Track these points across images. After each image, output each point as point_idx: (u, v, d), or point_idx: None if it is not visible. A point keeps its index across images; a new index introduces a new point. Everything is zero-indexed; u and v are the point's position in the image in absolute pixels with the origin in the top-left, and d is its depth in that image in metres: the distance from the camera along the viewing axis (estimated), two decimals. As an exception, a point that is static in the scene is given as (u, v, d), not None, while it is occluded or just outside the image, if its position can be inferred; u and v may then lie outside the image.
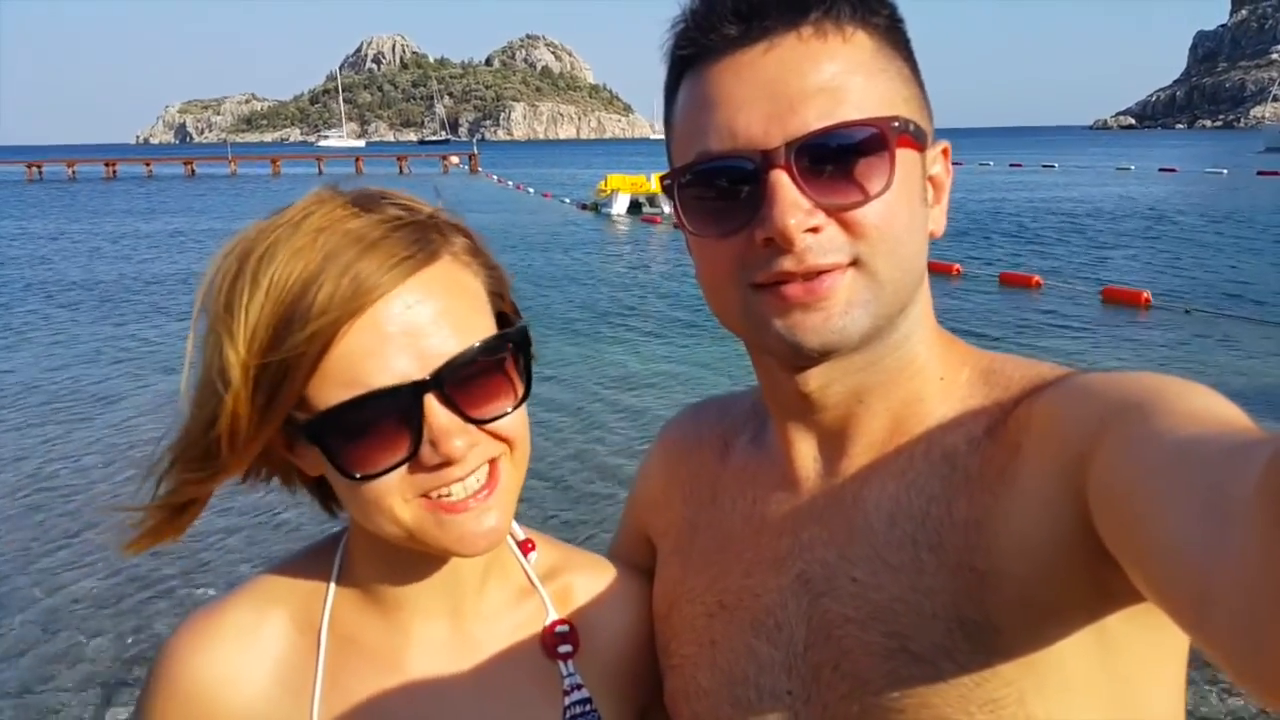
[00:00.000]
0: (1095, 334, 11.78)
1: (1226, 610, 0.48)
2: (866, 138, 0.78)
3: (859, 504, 0.86)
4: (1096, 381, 0.77)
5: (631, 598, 1.07)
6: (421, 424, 0.80)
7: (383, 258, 0.80)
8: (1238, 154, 75.24)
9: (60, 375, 10.94)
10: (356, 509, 0.86)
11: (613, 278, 17.73)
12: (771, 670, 0.89)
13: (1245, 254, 19.34)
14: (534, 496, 6.89)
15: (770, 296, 0.81)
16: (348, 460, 0.81)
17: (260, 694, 0.92)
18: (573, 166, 78.12)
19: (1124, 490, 0.63)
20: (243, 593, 0.97)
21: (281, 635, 0.95)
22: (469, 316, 0.85)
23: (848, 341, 0.81)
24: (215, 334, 0.80)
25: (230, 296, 0.80)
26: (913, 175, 0.82)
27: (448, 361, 0.81)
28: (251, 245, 0.82)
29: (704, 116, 0.81)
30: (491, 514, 0.85)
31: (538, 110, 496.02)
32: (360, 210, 0.84)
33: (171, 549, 6.11)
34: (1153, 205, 31.02)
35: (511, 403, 0.87)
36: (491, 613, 0.99)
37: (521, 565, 1.04)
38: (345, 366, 0.79)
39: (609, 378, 10.24)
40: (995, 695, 0.76)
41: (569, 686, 0.98)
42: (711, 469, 1.02)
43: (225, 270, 0.82)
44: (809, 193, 0.78)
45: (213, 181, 60.79)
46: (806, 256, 0.78)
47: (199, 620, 0.95)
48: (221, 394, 0.79)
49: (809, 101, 0.78)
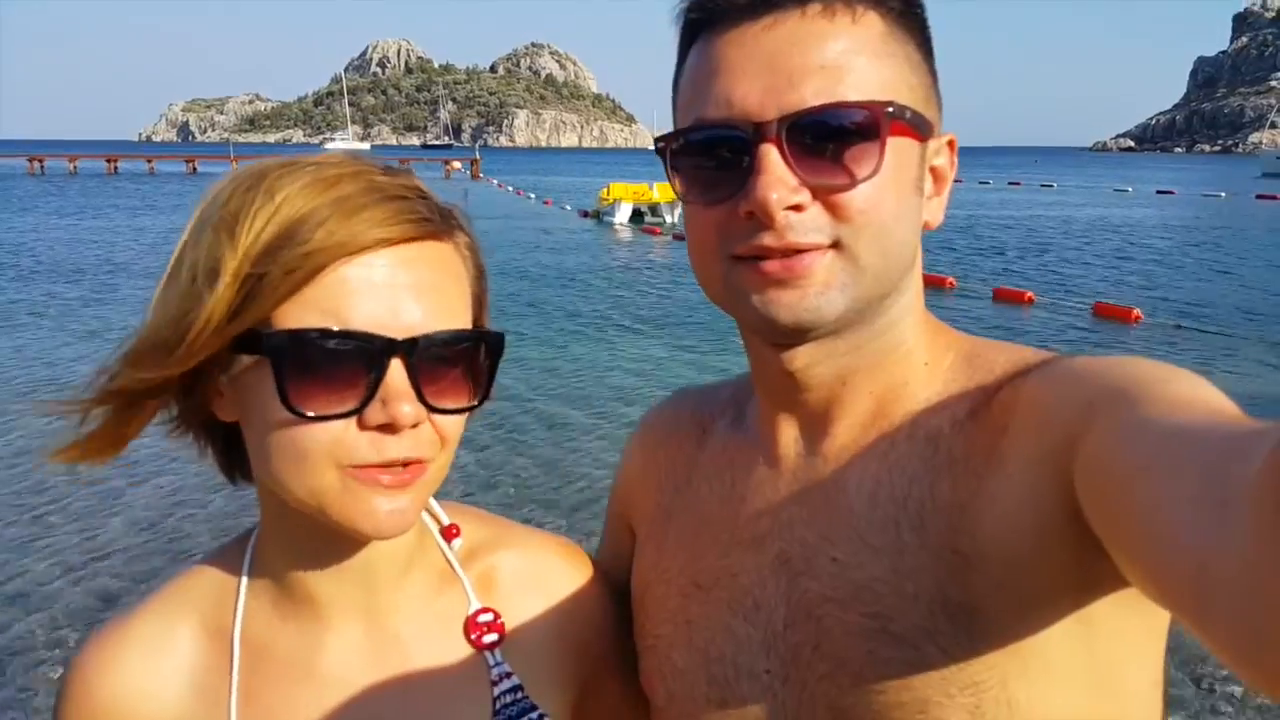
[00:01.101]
0: (1085, 348, 11.94)
1: (1225, 602, 0.48)
2: (858, 120, 0.78)
3: (840, 484, 0.86)
4: (1081, 365, 0.76)
5: (567, 575, 1.04)
6: (380, 381, 0.79)
7: (397, 211, 0.81)
8: (1235, 178, 75.79)
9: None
10: (273, 461, 0.81)
11: (612, 283, 17.88)
12: (749, 649, 0.88)
13: (1239, 274, 19.56)
14: (528, 492, 7.01)
15: (749, 270, 0.81)
16: (295, 392, 0.78)
17: (174, 707, 0.89)
18: (574, 175, 78.49)
19: (1115, 479, 0.62)
20: (150, 602, 0.94)
21: (193, 644, 0.91)
22: (457, 306, 0.85)
23: (822, 321, 0.81)
24: (213, 234, 0.79)
25: (240, 203, 0.80)
26: (907, 163, 0.81)
27: (425, 335, 0.81)
28: (272, 167, 0.83)
29: (705, 84, 0.82)
30: (404, 499, 0.82)
31: (540, 118, 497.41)
32: (389, 172, 0.86)
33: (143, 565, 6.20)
34: (1149, 225, 31.30)
35: (466, 402, 0.86)
36: (410, 606, 0.96)
37: (443, 552, 1.01)
38: (328, 296, 0.78)
39: (603, 381, 10.37)
40: (977, 678, 0.75)
41: (497, 676, 0.96)
42: (688, 453, 1.03)
43: (240, 182, 0.83)
44: (797, 170, 0.78)
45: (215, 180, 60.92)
46: (786, 234, 0.78)
47: (105, 635, 0.92)
48: (202, 291, 0.78)
49: (808, 78, 0.77)
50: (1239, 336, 12.58)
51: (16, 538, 6.21)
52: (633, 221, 30.57)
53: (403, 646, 0.94)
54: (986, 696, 0.75)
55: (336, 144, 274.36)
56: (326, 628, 0.92)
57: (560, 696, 1.00)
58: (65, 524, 6.42)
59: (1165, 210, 39.60)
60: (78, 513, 6.61)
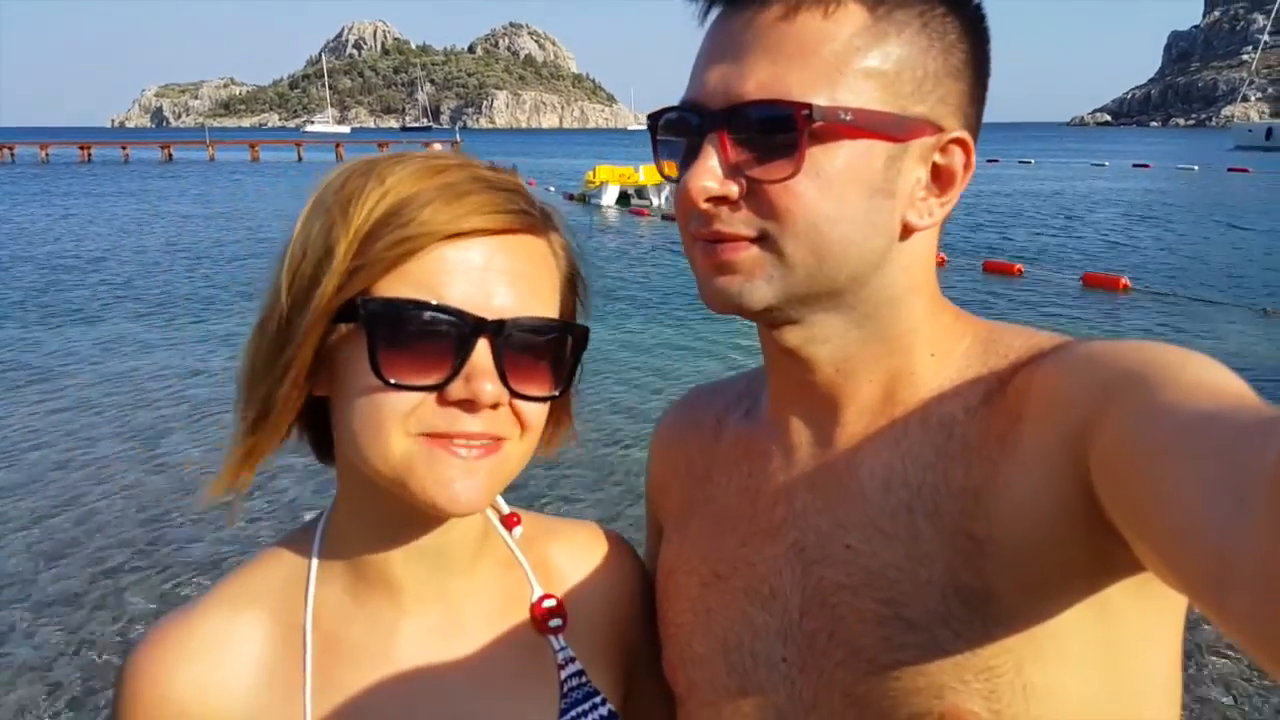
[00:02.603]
0: (1077, 318, 12.18)
1: (1243, 591, 0.48)
2: (780, 119, 0.77)
3: (853, 472, 0.86)
4: (1097, 349, 0.76)
5: (613, 562, 1.08)
6: (467, 358, 0.81)
7: (500, 201, 0.84)
8: (1209, 151, 76.25)
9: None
10: (356, 430, 0.83)
11: (604, 265, 17.96)
12: (766, 637, 0.89)
13: (1213, 242, 19.90)
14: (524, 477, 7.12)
15: (696, 249, 0.84)
16: (385, 359, 0.80)
17: (243, 702, 0.89)
18: (556, 156, 77.83)
19: (1132, 465, 0.62)
20: (213, 597, 0.93)
21: (261, 638, 0.91)
22: (547, 296, 0.88)
23: (748, 308, 0.82)
24: (328, 215, 0.83)
25: (354, 187, 0.83)
26: (859, 165, 0.78)
27: (515, 319, 0.83)
28: (383, 158, 0.87)
29: (695, 64, 0.84)
30: (481, 475, 0.84)
31: (520, 99, 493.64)
32: (493, 168, 0.90)
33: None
34: (1127, 198, 31.62)
35: (547, 390, 0.88)
36: (481, 591, 0.98)
37: (505, 540, 1.04)
38: (426, 273, 0.81)
39: (608, 360, 10.50)
40: (991, 663, 0.76)
41: (563, 660, 0.98)
42: (706, 448, 1.04)
43: (354, 169, 0.87)
44: (735, 161, 0.79)
45: (191, 166, 60.21)
46: (711, 222, 0.80)
47: (165, 633, 0.90)
48: (321, 266, 0.81)
49: (757, 70, 0.77)
50: (1221, 303, 12.86)
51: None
52: (619, 204, 30.60)
53: (474, 631, 0.96)
54: (1001, 681, 0.76)
55: (317, 126, 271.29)
56: (402, 612, 0.93)
57: (614, 683, 1.02)
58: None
59: (1141, 183, 39.85)
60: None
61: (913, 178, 0.81)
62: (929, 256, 0.87)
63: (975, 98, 0.84)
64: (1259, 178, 41.85)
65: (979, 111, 0.85)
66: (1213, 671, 4.32)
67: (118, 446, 7.60)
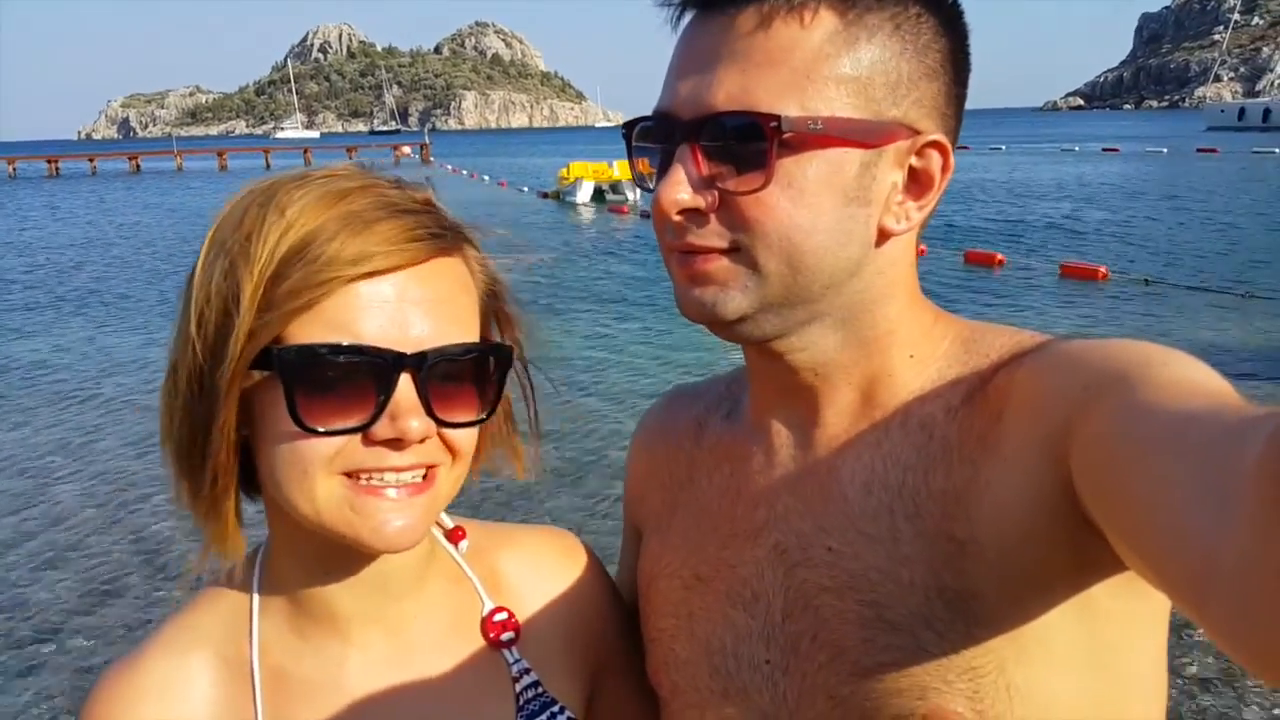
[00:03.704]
0: (1059, 307, 12.10)
1: (1224, 592, 0.48)
2: (748, 130, 0.75)
3: (834, 474, 0.86)
4: (1078, 349, 0.76)
5: (568, 566, 1.06)
6: (389, 396, 0.79)
7: (412, 226, 0.81)
8: (1179, 133, 77.12)
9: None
10: (280, 473, 0.81)
11: (581, 263, 17.76)
12: (749, 640, 0.89)
13: (1189, 227, 19.95)
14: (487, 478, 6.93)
15: (673, 260, 0.83)
16: (304, 406, 0.77)
17: None
18: (528, 155, 77.60)
19: (1115, 466, 0.62)
20: (158, 640, 0.90)
21: (210, 677, 0.88)
22: (466, 319, 0.86)
23: (723, 318, 0.81)
24: (229, 260, 0.79)
25: (253, 222, 0.79)
26: (832, 174, 0.77)
27: (435, 349, 0.81)
28: (283, 181, 0.82)
29: (668, 72, 0.82)
30: (415, 511, 0.82)
31: (489, 99, 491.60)
32: (399, 186, 0.86)
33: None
34: (1096, 184, 31.74)
35: (474, 415, 0.86)
36: (428, 613, 0.96)
37: (452, 555, 1.01)
38: (339, 311, 0.78)
39: (582, 357, 10.32)
40: (975, 663, 0.75)
41: (517, 673, 0.97)
42: (687, 451, 1.03)
43: (252, 198, 0.82)
44: (706, 173, 0.78)
45: (159, 177, 59.45)
46: (684, 234, 0.79)
47: (116, 679, 0.87)
48: (231, 321, 0.77)
49: (727, 81, 0.76)
50: (1201, 288, 12.83)
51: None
52: (595, 200, 30.40)
53: (425, 653, 0.94)
54: (985, 681, 0.75)
55: (287, 133, 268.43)
56: (348, 642, 0.91)
57: (574, 689, 1.01)
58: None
59: (1110, 167, 40.17)
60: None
61: (888, 183, 0.80)
62: (908, 259, 0.85)
63: (953, 97, 0.82)
64: (1227, 158, 42.25)
65: (958, 111, 0.83)
66: (1200, 670, 4.19)
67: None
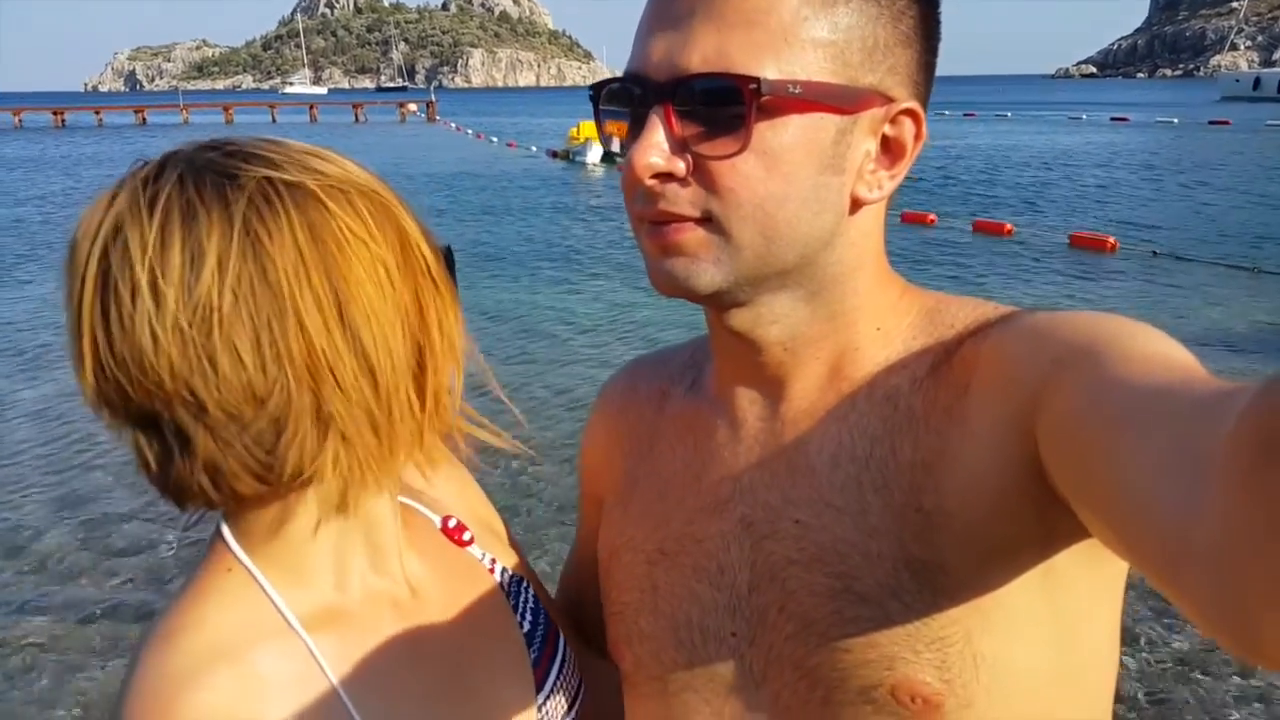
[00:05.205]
0: (1069, 278, 12.17)
1: (1197, 568, 0.48)
2: (725, 93, 0.73)
3: (801, 447, 0.85)
4: (1044, 321, 0.75)
5: (446, 468, 1.04)
6: None
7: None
8: (1193, 103, 75.87)
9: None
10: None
11: (592, 222, 17.81)
12: (715, 613, 0.89)
13: (1195, 199, 19.79)
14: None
15: (642, 232, 0.80)
16: None
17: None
18: (535, 115, 76.81)
19: (1084, 440, 0.62)
20: (190, 652, 0.79)
21: (274, 663, 0.83)
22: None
23: (697, 291, 0.79)
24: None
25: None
26: (808, 140, 0.75)
27: None
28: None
29: (638, 30, 0.80)
30: None
31: (496, 57, 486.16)
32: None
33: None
34: (1104, 153, 31.39)
35: None
36: (415, 544, 0.99)
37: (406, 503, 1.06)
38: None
39: (575, 316, 10.45)
40: (942, 633, 0.76)
41: (489, 564, 1.04)
42: (649, 420, 1.01)
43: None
44: (680, 137, 0.75)
45: (165, 130, 59.16)
46: (657, 201, 0.77)
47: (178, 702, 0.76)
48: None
49: (703, 41, 0.73)
50: (1207, 261, 12.84)
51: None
52: (604, 161, 30.34)
53: (430, 573, 0.98)
54: (952, 651, 0.76)
55: (295, 88, 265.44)
56: (383, 575, 0.93)
57: (512, 560, 1.09)
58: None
59: (1118, 136, 39.70)
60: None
61: (862, 151, 0.78)
62: (877, 230, 0.85)
63: (925, 64, 0.81)
64: (1239, 130, 41.62)
65: (929, 79, 0.82)
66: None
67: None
